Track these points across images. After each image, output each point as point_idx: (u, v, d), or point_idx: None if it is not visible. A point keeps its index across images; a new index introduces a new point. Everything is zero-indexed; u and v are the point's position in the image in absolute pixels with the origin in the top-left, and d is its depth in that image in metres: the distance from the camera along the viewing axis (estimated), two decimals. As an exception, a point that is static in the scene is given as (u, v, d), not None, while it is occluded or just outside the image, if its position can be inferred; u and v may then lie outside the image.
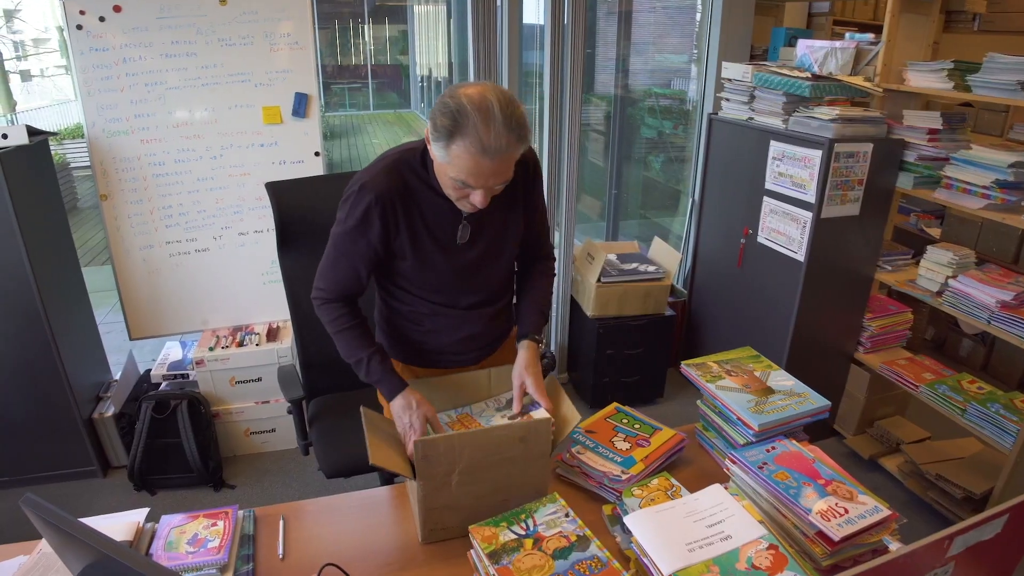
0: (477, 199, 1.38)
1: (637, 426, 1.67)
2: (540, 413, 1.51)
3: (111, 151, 2.82)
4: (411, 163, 1.49)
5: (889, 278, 2.91)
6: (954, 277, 2.66)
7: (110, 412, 2.91)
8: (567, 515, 1.23)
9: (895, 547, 1.25)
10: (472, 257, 1.57)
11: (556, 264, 1.84)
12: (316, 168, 3.03)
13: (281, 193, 2.18)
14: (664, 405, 3.57)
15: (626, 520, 1.17)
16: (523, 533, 1.18)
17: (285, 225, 2.18)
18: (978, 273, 2.63)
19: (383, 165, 1.49)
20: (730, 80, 3.12)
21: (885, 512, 1.23)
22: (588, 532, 1.18)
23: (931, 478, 2.74)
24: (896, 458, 2.99)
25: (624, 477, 1.49)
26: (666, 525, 1.14)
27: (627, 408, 1.75)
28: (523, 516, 1.23)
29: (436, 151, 1.35)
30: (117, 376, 3.09)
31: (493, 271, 1.64)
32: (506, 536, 1.18)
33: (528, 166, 1.57)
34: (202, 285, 3.07)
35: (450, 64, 11.69)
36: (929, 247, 2.79)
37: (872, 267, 2.93)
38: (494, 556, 1.14)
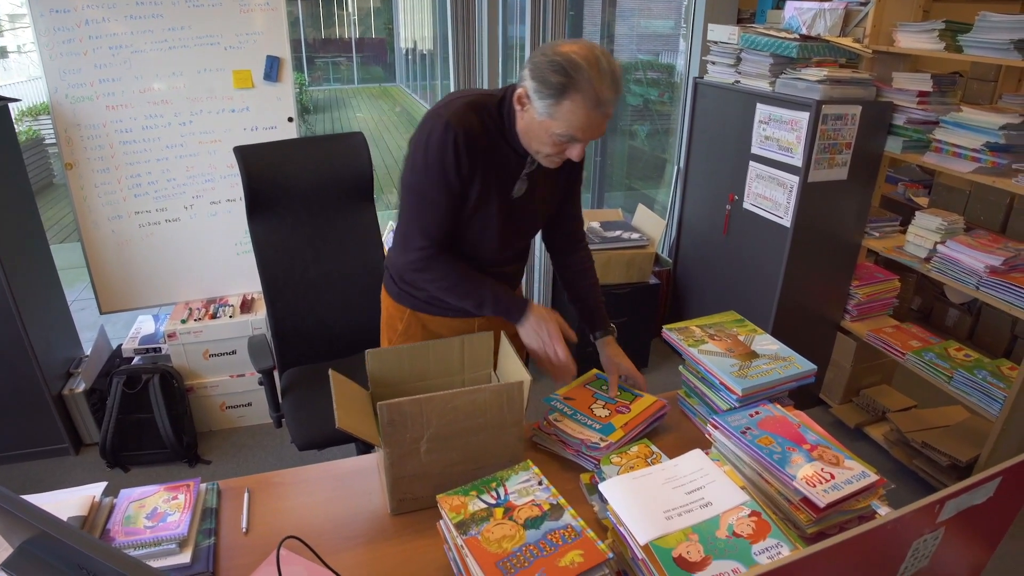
0: (575, 152, 1.40)
1: (617, 392, 1.62)
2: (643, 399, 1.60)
3: (75, 118, 2.71)
4: (488, 107, 1.46)
5: (877, 244, 2.86)
6: (942, 243, 2.61)
7: (81, 388, 2.83)
8: (540, 483, 1.17)
9: (884, 511, 1.21)
10: (520, 213, 1.58)
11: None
12: (290, 134, 2.94)
13: (250, 158, 2.10)
14: (648, 375, 3.50)
15: (601, 487, 1.11)
16: (493, 502, 1.13)
17: (255, 191, 2.11)
18: (967, 239, 2.58)
19: (465, 102, 1.44)
20: (716, 43, 3.03)
21: (872, 477, 1.18)
22: (562, 501, 1.13)
23: (917, 446, 2.72)
24: (882, 427, 2.96)
25: (603, 444, 1.44)
26: (643, 492, 1.09)
27: (607, 375, 1.70)
28: (494, 484, 1.17)
29: (540, 108, 1.34)
30: (88, 352, 3.01)
31: (530, 231, 1.69)
32: (475, 505, 1.12)
33: None
34: (174, 256, 2.98)
35: (435, 36, 11.51)
36: (918, 212, 2.74)
37: (860, 233, 2.88)
38: (462, 526, 1.08)
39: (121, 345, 3.01)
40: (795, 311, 2.89)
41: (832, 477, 1.16)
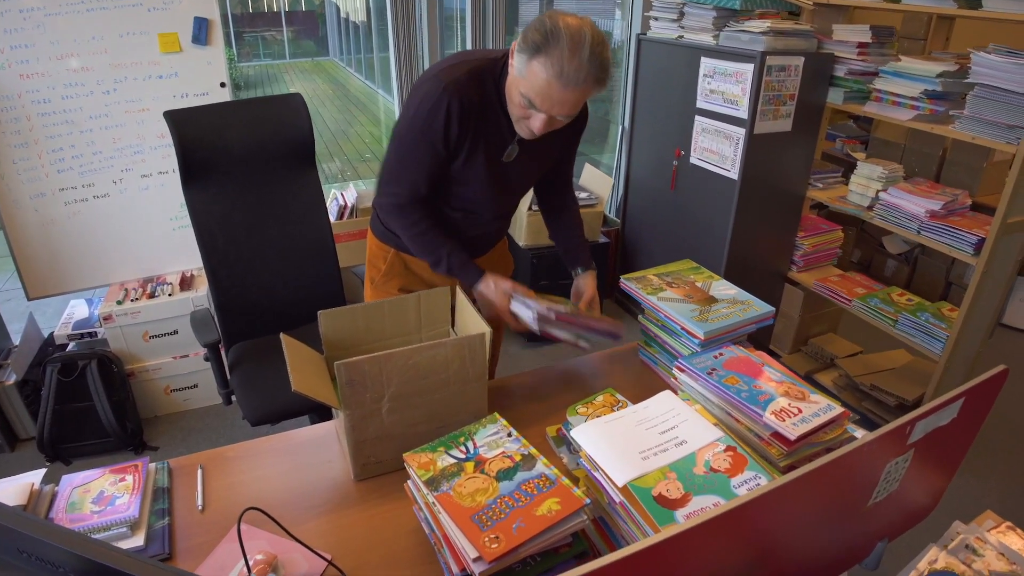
0: (536, 124, 1.40)
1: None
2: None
3: (-15, 89, 2.52)
4: (491, 73, 1.47)
5: (821, 195, 2.90)
6: (884, 190, 2.66)
7: (11, 380, 2.67)
8: (510, 435, 1.14)
9: (860, 435, 1.22)
10: (510, 175, 1.61)
11: None
12: (223, 100, 2.79)
13: (182, 123, 1.99)
14: (603, 337, 3.52)
15: (572, 433, 1.09)
16: (463, 457, 1.09)
17: (189, 159, 2.00)
18: (907, 186, 2.64)
19: (467, 69, 1.44)
20: (658, -3, 3.01)
21: (838, 409, 1.19)
22: (533, 450, 1.10)
23: (866, 389, 2.80)
24: (831, 373, 3.04)
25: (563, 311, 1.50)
26: (616, 435, 1.07)
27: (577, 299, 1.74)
28: (462, 439, 1.13)
29: (517, 63, 1.35)
30: (18, 342, 2.83)
31: (520, 191, 1.72)
32: (444, 461, 1.08)
33: (580, 115, 1.61)
34: (105, 235, 2.81)
35: (368, 8, 11.19)
36: (859, 162, 2.79)
37: (804, 185, 2.91)
38: (432, 483, 1.04)
39: (53, 332, 2.85)
40: (744, 263, 2.92)
41: (800, 411, 1.16)
